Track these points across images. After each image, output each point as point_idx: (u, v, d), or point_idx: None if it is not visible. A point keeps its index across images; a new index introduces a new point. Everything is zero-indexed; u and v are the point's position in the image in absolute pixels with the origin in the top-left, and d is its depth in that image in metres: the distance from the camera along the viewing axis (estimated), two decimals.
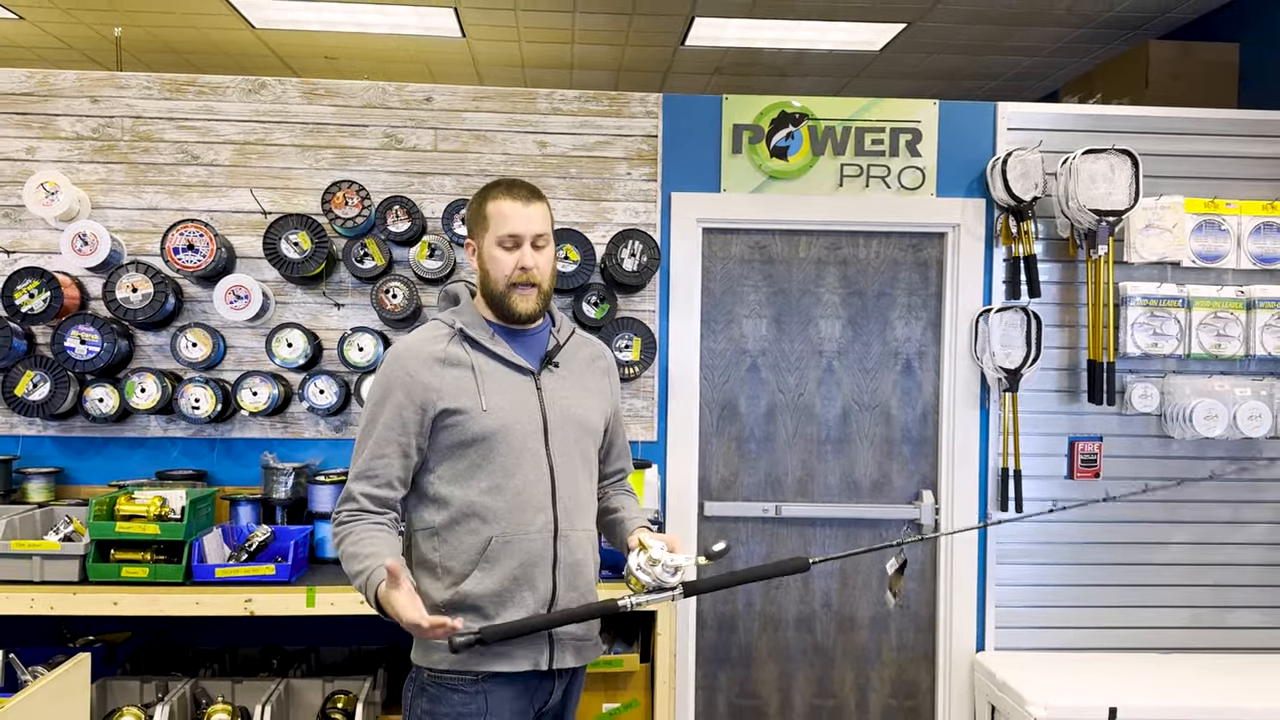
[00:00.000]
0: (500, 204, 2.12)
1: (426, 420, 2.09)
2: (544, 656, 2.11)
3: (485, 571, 2.07)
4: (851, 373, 3.81)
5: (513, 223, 2.10)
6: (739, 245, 3.78)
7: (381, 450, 2.09)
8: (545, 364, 2.19)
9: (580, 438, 2.19)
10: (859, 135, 3.70)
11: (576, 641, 2.18)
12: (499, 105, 3.65)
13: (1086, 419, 3.76)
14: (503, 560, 2.08)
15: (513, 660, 2.07)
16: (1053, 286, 3.75)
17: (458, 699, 2.07)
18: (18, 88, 3.53)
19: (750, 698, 3.81)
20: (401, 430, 2.08)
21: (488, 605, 2.07)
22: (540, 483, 2.11)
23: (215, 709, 3.18)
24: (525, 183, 2.19)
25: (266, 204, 3.55)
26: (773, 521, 3.80)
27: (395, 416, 2.08)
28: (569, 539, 2.14)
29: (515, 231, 2.11)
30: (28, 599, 3.01)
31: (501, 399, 2.11)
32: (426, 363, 2.10)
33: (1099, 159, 3.57)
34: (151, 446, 3.57)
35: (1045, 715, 3.22)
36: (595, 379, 2.29)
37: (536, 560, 2.10)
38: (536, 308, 2.15)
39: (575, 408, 2.19)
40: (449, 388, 2.09)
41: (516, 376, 2.15)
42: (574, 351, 2.26)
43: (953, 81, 6.86)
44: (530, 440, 2.11)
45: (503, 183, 2.18)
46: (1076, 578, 3.77)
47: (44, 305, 3.35)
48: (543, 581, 2.10)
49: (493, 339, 2.16)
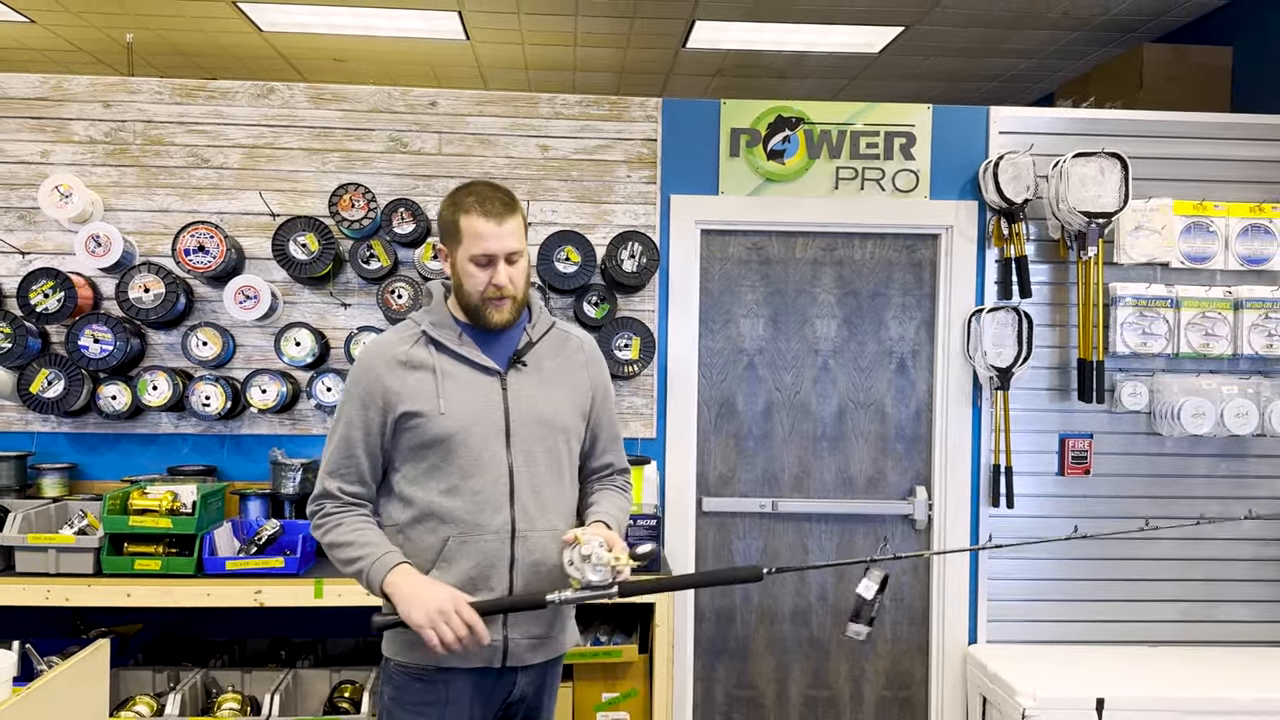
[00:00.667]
0: (474, 222, 2.09)
1: (389, 422, 2.13)
2: (496, 655, 2.14)
3: (443, 571, 2.10)
4: (847, 371, 3.89)
5: (486, 243, 2.09)
6: (736, 246, 3.87)
7: (350, 450, 2.14)
8: (513, 363, 2.19)
9: (547, 436, 2.18)
10: (854, 139, 3.78)
11: (533, 639, 2.18)
12: (502, 109, 3.73)
13: (1077, 416, 3.84)
14: (459, 560, 2.11)
15: (465, 658, 2.10)
16: (1044, 287, 3.82)
17: (420, 688, 2.14)
18: (33, 92, 3.62)
19: (747, 689, 3.90)
20: (366, 430, 2.13)
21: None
22: (498, 483, 2.13)
23: (225, 698, 3.27)
24: (498, 194, 2.15)
25: (275, 206, 3.64)
26: (770, 517, 3.88)
27: (360, 416, 2.14)
28: (528, 539, 2.14)
29: (489, 252, 2.09)
30: (44, 590, 3.10)
31: (461, 401, 2.12)
32: (390, 365, 2.14)
33: (1089, 162, 3.65)
34: (163, 443, 3.66)
35: (1034, 705, 3.29)
36: (571, 374, 2.26)
37: (493, 561, 2.12)
38: (511, 317, 2.16)
39: (542, 406, 2.18)
40: (408, 391, 2.12)
41: (481, 377, 2.16)
42: (549, 347, 2.25)
43: (951, 83, 6.93)
44: (490, 441, 2.13)
45: (475, 194, 2.13)
46: (1067, 572, 3.85)
47: (58, 305, 3.43)
48: (499, 582, 2.12)
49: (460, 340, 2.17)
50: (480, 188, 2.15)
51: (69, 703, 1.78)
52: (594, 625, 3.48)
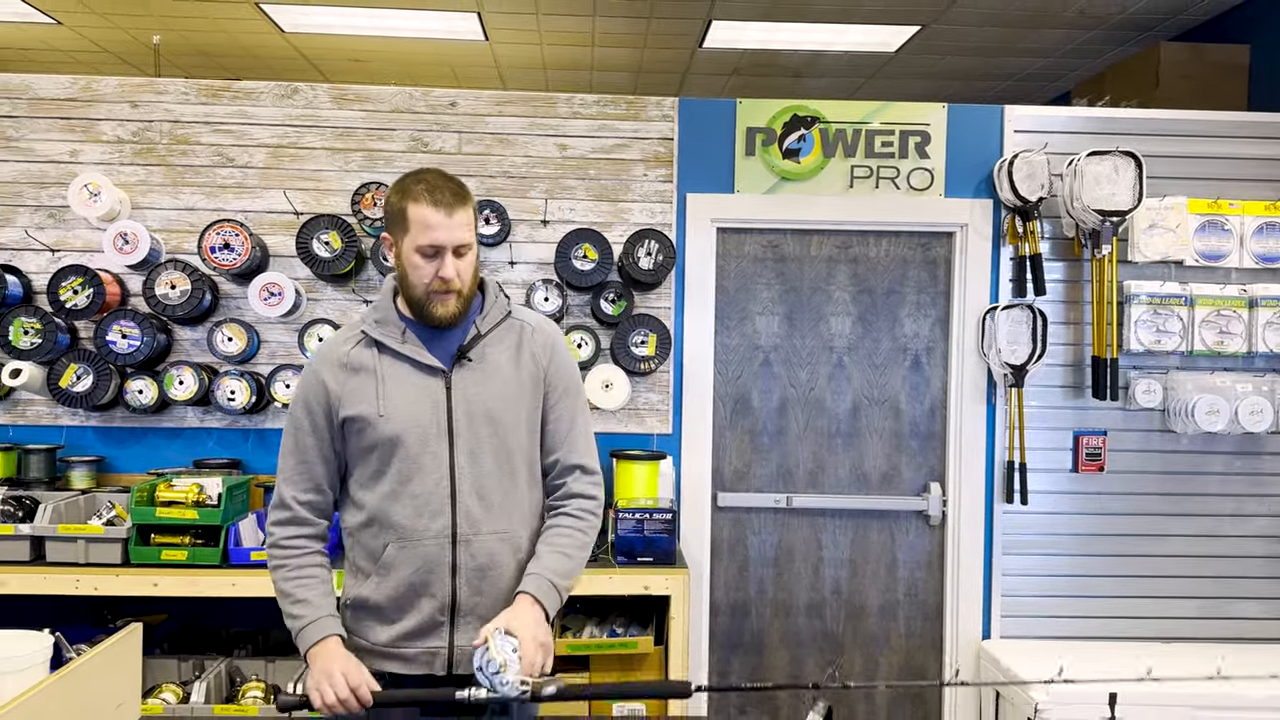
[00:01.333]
0: (423, 210, 1.98)
1: (335, 424, 2.07)
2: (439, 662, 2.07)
3: (383, 577, 2.06)
4: (861, 368, 3.92)
5: (434, 233, 1.98)
6: (752, 244, 3.91)
7: (303, 455, 2.09)
8: (458, 359, 2.09)
9: (494, 434, 2.08)
10: (869, 138, 3.81)
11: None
12: (520, 109, 3.78)
13: (1091, 414, 3.86)
14: (399, 566, 2.05)
15: (409, 664, 2.07)
16: (1058, 285, 3.85)
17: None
18: (62, 93, 3.69)
19: (762, 682, 3.93)
20: (316, 435, 2.08)
21: (388, 608, 2.07)
22: (439, 486, 2.05)
23: (249, 686, 3.34)
24: (450, 184, 2.04)
25: (298, 205, 3.70)
26: (784, 512, 3.92)
27: (308, 421, 2.08)
28: (471, 544, 2.05)
29: (437, 242, 1.99)
30: (73, 580, 3.18)
31: (401, 403, 2.05)
32: (331, 368, 2.08)
33: (1103, 160, 3.66)
34: (189, 436, 3.73)
35: (1046, 700, 3.32)
36: (522, 366, 2.13)
37: (433, 566, 2.05)
38: (457, 311, 2.06)
39: (490, 403, 2.08)
40: (349, 394, 2.06)
41: (424, 377, 2.07)
42: (501, 339, 2.14)
43: (966, 82, 6.94)
44: (431, 443, 2.05)
45: (425, 181, 2.02)
46: (1081, 569, 3.87)
47: (87, 301, 3.51)
48: (440, 588, 2.05)
49: (403, 338, 2.08)
50: (431, 175, 2.04)
51: (104, 684, 1.84)
52: (610, 617, 3.54)
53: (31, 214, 3.68)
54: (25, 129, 3.68)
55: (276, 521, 2.11)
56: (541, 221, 3.79)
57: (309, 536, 2.12)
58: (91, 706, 1.78)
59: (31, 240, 3.66)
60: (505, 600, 2.06)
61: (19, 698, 1.56)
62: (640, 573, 3.31)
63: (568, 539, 2.12)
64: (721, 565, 3.92)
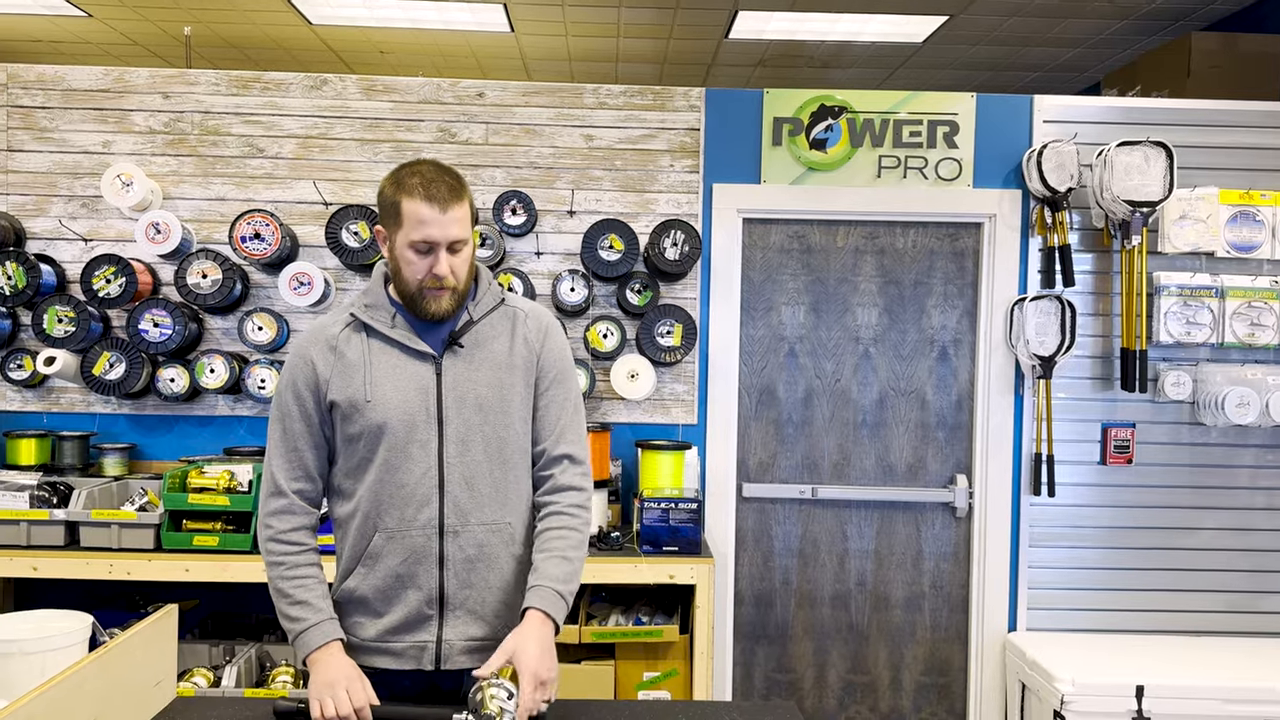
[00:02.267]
0: (416, 206, 1.92)
1: (324, 409, 2.02)
2: (428, 656, 2.03)
3: (369, 567, 2.01)
4: (888, 359, 3.91)
5: (428, 229, 1.92)
6: (778, 235, 3.90)
7: (292, 442, 2.02)
8: (449, 345, 2.03)
9: (485, 421, 2.02)
10: (897, 128, 3.80)
11: (471, 642, 2.04)
12: (547, 100, 3.80)
13: (1119, 406, 3.84)
14: (385, 557, 2.00)
15: (398, 659, 2.02)
16: (1087, 276, 3.82)
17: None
18: (95, 84, 3.74)
19: (786, 672, 3.94)
20: (305, 420, 2.02)
21: (374, 601, 2.02)
22: (427, 476, 1.99)
23: (278, 671, 3.38)
24: (445, 177, 1.96)
25: (328, 195, 3.74)
26: (809, 503, 3.92)
27: (297, 407, 2.02)
28: (459, 535, 2.00)
29: (430, 239, 1.93)
30: (107, 565, 3.23)
31: (390, 389, 1.99)
32: (321, 351, 2.02)
33: (1133, 151, 3.64)
34: (219, 424, 3.78)
35: (1073, 691, 3.31)
36: (515, 352, 2.08)
37: (420, 558, 2.00)
38: (449, 307, 1.99)
39: (481, 390, 2.02)
40: (337, 379, 2.00)
41: (413, 363, 2.01)
42: (494, 326, 2.08)
43: (994, 73, 6.90)
44: (419, 431, 1.99)
45: (420, 175, 1.95)
46: (1108, 561, 3.86)
47: (119, 290, 3.55)
48: (427, 580, 2.00)
49: (394, 324, 2.03)
50: (425, 168, 1.97)
51: (142, 663, 1.87)
52: (636, 605, 3.55)
53: (65, 204, 3.73)
54: (59, 120, 3.73)
55: (274, 511, 2.02)
56: (568, 212, 3.80)
57: (306, 529, 2.05)
58: (130, 684, 1.82)
59: (65, 230, 3.71)
60: (497, 593, 2.03)
61: (61, 675, 1.59)
62: (665, 562, 3.32)
63: (564, 541, 2.03)
64: (746, 556, 3.92)
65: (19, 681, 1.73)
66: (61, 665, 1.72)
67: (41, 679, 1.64)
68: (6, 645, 1.77)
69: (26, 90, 3.72)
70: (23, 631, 1.85)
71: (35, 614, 1.93)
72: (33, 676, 1.72)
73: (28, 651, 1.77)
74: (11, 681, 1.75)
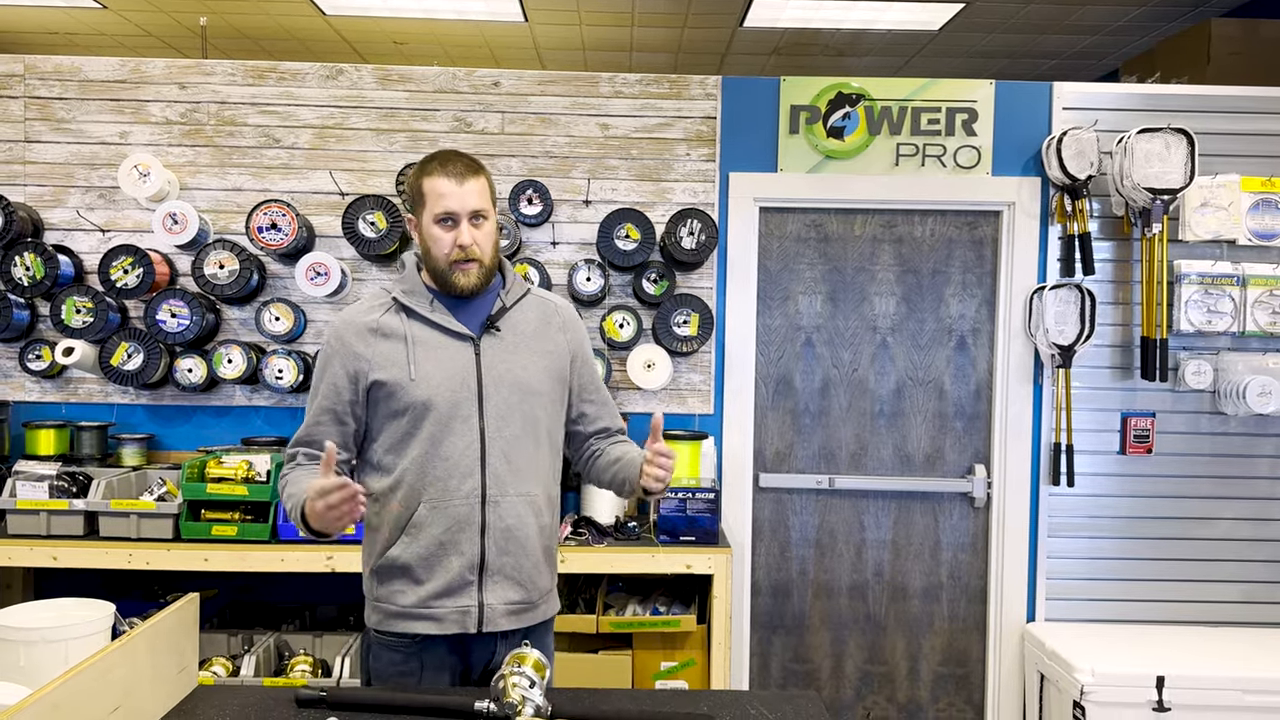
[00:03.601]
0: (435, 181, 2.08)
1: (360, 389, 2.11)
2: (471, 621, 2.10)
3: (413, 536, 2.10)
4: (905, 349, 3.89)
5: (447, 200, 2.07)
6: (795, 224, 3.88)
7: (318, 418, 2.13)
8: (487, 328, 2.15)
9: (522, 400, 2.14)
10: (915, 115, 3.77)
11: (510, 605, 2.14)
12: (563, 89, 3.78)
13: (1139, 395, 3.81)
14: (428, 526, 2.09)
15: (440, 624, 2.10)
16: (1107, 264, 3.80)
17: (397, 657, 2.12)
18: (112, 75, 3.74)
19: (803, 663, 3.94)
20: (336, 399, 2.12)
21: (416, 568, 2.10)
22: (470, 449, 2.10)
23: (297, 660, 3.39)
24: (463, 156, 2.13)
25: (344, 185, 3.73)
26: (826, 493, 3.90)
27: (330, 386, 2.12)
28: (499, 505, 2.11)
29: (450, 210, 2.07)
30: (126, 554, 3.24)
31: (432, 368, 2.10)
32: (360, 333, 2.12)
33: (1154, 138, 3.61)
34: (237, 414, 3.78)
35: (1093, 682, 3.29)
36: (548, 338, 2.23)
37: (463, 525, 2.09)
38: (478, 282, 2.12)
39: (517, 371, 2.15)
40: (379, 358, 2.10)
41: (454, 343, 2.13)
42: (524, 313, 2.22)
43: (1011, 61, 6.85)
44: (462, 408, 2.10)
45: (439, 157, 2.13)
46: (1128, 551, 3.83)
47: (137, 281, 3.56)
48: (469, 547, 2.10)
49: (432, 306, 2.14)
50: (444, 153, 2.14)
51: (166, 650, 1.87)
52: (653, 595, 3.55)
53: (82, 194, 3.74)
54: (76, 110, 3.73)
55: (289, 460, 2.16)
56: (584, 201, 3.79)
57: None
58: (154, 672, 1.82)
59: (83, 221, 3.72)
60: (529, 558, 2.15)
61: (85, 663, 1.60)
62: (683, 552, 3.32)
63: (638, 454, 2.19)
64: (763, 546, 3.92)
65: (43, 669, 1.74)
66: (85, 653, 1.73)
67: (65, 667, 1.65)
68: (29, 633, 1.78)
69: (44, 81, 3.73)
70: (46, 619, 1.85)
71: (58, 602, 1.94)
72: (56, 664, 1.73)
73: (51, 639, 1.77)
74: (36, 669, 1.75)
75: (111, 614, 1.87)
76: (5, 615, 1.85)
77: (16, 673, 1.75)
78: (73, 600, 1.95)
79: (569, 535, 3.38)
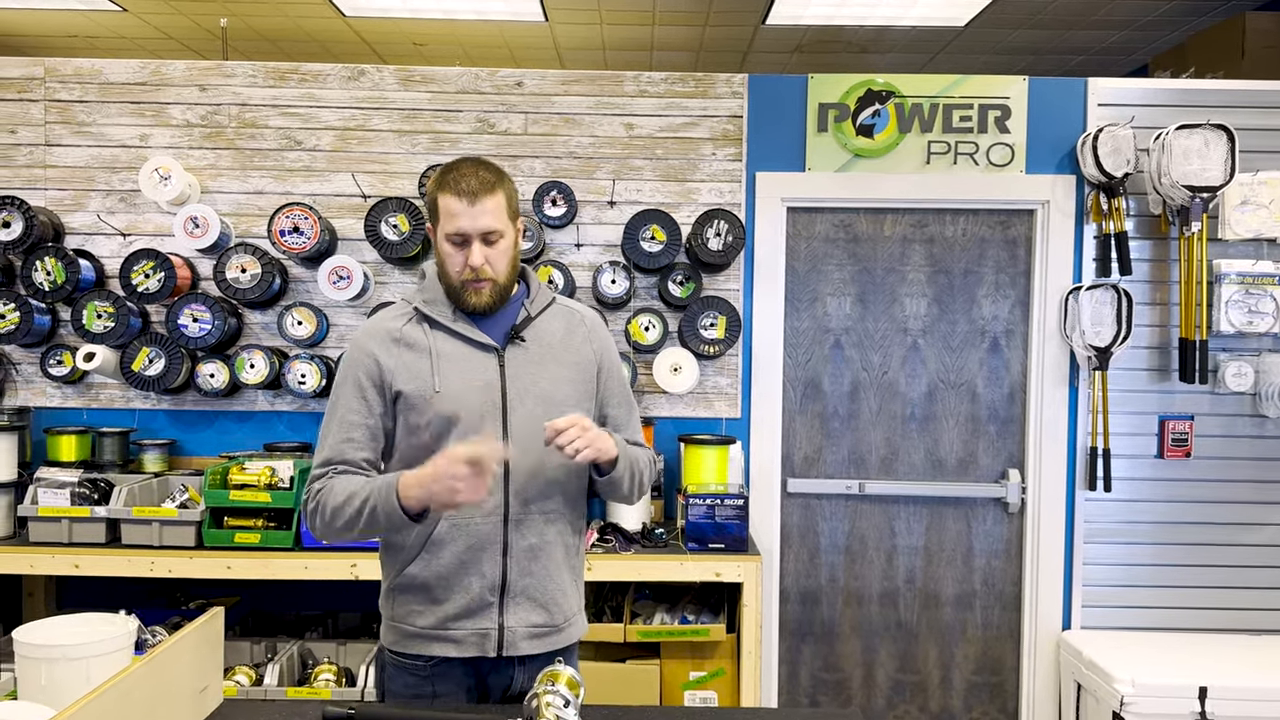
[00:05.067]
0: (448, 200, 1.98)
1: (388, 400, 2.03)
2: (490, 644, 2.02)
3: (432, 554, 2.01)
4: (937, 351, 3.81)
5: (459, 221, 1.97)
6: (823, 224, 3.81)
7: (348, 434, 2.01)
8: (511, 339, 2.07)
9: (548, 413, 2.00)
10: (946, 112, 3.70)
11: (532, 629, 2.04)
12: (587, 88, 3.72)
13: (1177, 398, 3.72)
14: (449, 544, 2.00)
15: (459, 646, 2.01)
16: (1144, 264, 3.71)
17: (412, 680, 2.04)
18: (132, 78, 3.71)
19: (833, 671, 3.86)
20: (367, 413, 2.02)
21: (435, 588, 2.01)
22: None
23: (321, 669, 3.35)
24: (479, 171, 2.00)
25: (366, 188, 3.69)
26: (856, 499, 3.83)
27: (358, 399, 2.02)
28: (522, 523, 2.03)
29: (462, 230, 1.97)
30: (148, 562, 3.20)
31: (456, 380, 2.01)
32: (384, 343, 2.04)
33: (1193, 134, 3.52)
34: (259, 420, 3.74)
35: (1133, 692, 3.21)
36: (574, 349, 2.13)
37: (484, 545, 2.01)
38: (490, 301, 2.03)
39: (541, 382, 2.06)
40: (402, 370, 2.01)
41: (478, 354, 2.04)
42: (549, 322, 2.13)
43: (1038, 57, 6.75)
44: (486, 422, 2.00)
45: (455, 170, 2.01)
46: (1166, 557, 3.75)
47: (158, 285, 3.52)
48: (490, 567, 2.01)
49: (454, 316, 2.06)
50: (462, 165, 2.02)
51: (189, 668, 1.83)
52: (681, 603, 3.49)
53: (103, 198, 3.71)
54: (96, 113, 3.70)
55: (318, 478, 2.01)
56: (608, 203, 3.73)
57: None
58: (177, 690, 1.77)
59: (103, 225, 3.69)
60: (553, 580, 2.06)
61: (108, 683, 1.55)
62: (711, 559, 3.25)
63: (640, 451, 2.15)
64: (792, 552, 3.85)
65: (66, 688, 1.70)
66: (107, 671, 1.68)
67: (87, 686, 1.60)
68: (51, 650, 1.73)
69: (64, 84, 3.70)
70: (67, 636, 1.81)
71: (79, 617, 1.90)
72: (78, 683, 1.68)
73: (72, 658, 1.73)
74: (58, 688, 1.71)
75: (134, 630, 1.82)
76: (26, 632, 1.81)
77: (38, 692, 1.71)
78: (95, 614, 1.91)
79: (595, 542, 3.32)
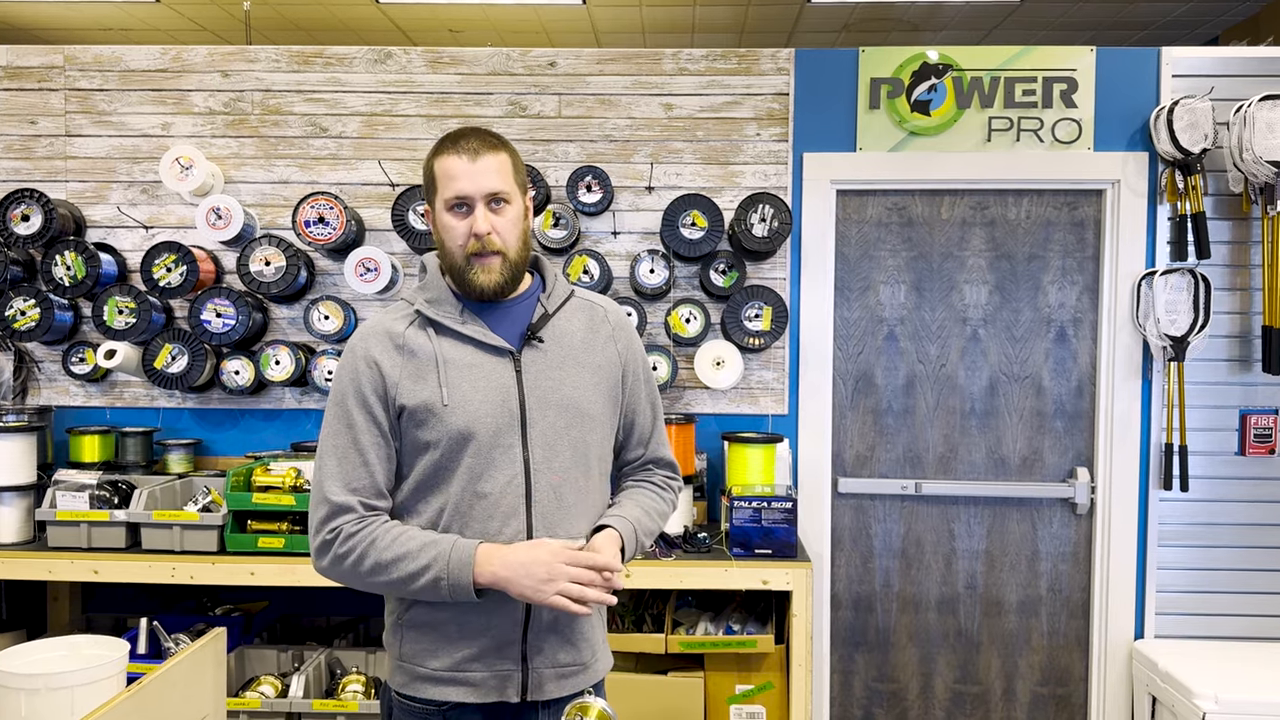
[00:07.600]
0: (445, 161, 1.76)
1: (393, 415, 1.78)
2: (512, 688, 1.79)
3: None
4: (999, 341, 3.58)
5: (459, 183, 1.74)
6: (875, 207, 3.59)
7: (363, 458, 1.76)
8: (528, 340, 1.82)
9: (571, 424, 1.81)
10: (1008, 86, 3.46)
11: (560, 669, 1.82)
12: (623, 67, 3.53)
13: (1260, 390, 3.46)
14: None
15: (477, 690, 1.77)
16: (1223, 247, 3.45)
17: None
18: (153, 64, 3.58)
19: (889, 682, 3.65)
20: (377, 432, 1.77)
21: (451, 626, 1.78)
22: (513, 485, 1.76)
23: (349, 680, 3.21)
24: (480, 132, 1.80)
25: (394, 175, 3.53)
26: (912, 499, 3.61)
27: (362, 415, 1.76)
28: None
29: (463, 193, 1.74)
30: (169, 568, 3.07)
31: (468, 390, 1.77)
32: (385, 351, 1.78)
33: (1278, 106, 3.25)
34: (286, 418, 3.61)
35: (1216, 708, 2.97)
36: (597, 350, 1.89)
37: None
38: (501, 279, 1.78)
39: (563, 388, 1.82)
40: (406, 381, 1.77)
41: (490, 360, 1.80)
42: (569, 320, 1.89)
43: (1098, 32, 6.44)
44: (503, 436, 1.77)
45: (452, 135, 1.80)
46: (1248, 561, 3.49)
47: (181, 279, 3.39)
48: (514, 601, 1.75)
49: (462, 317, 1.81)
50: (462, 129, 1.82)
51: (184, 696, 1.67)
52: (725, 611, 3.29)
53: (125, 190, 3.59)
54: (117, 102, 3.58)
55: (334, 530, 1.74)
56: (646, 188, 3.54)
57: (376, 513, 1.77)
58: None
59: (125, 217, 3.57)
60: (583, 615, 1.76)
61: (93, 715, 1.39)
62: (758, 566, 3.05)
63: (653, 501, 1.94)
64: (843, 556, 3.64)
65: None
66: (93, 701, 1.53)
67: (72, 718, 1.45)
68: (31, 680, 1.58)
69: (84, 72, 3.58)
70: (51, 664, 1.66)
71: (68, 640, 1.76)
72: (61, 715, 1.53)
73: (55, 687, 1.57)
74: None
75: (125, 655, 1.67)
76: (5, 659, 1.66)
77: None
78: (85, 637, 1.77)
79: None
